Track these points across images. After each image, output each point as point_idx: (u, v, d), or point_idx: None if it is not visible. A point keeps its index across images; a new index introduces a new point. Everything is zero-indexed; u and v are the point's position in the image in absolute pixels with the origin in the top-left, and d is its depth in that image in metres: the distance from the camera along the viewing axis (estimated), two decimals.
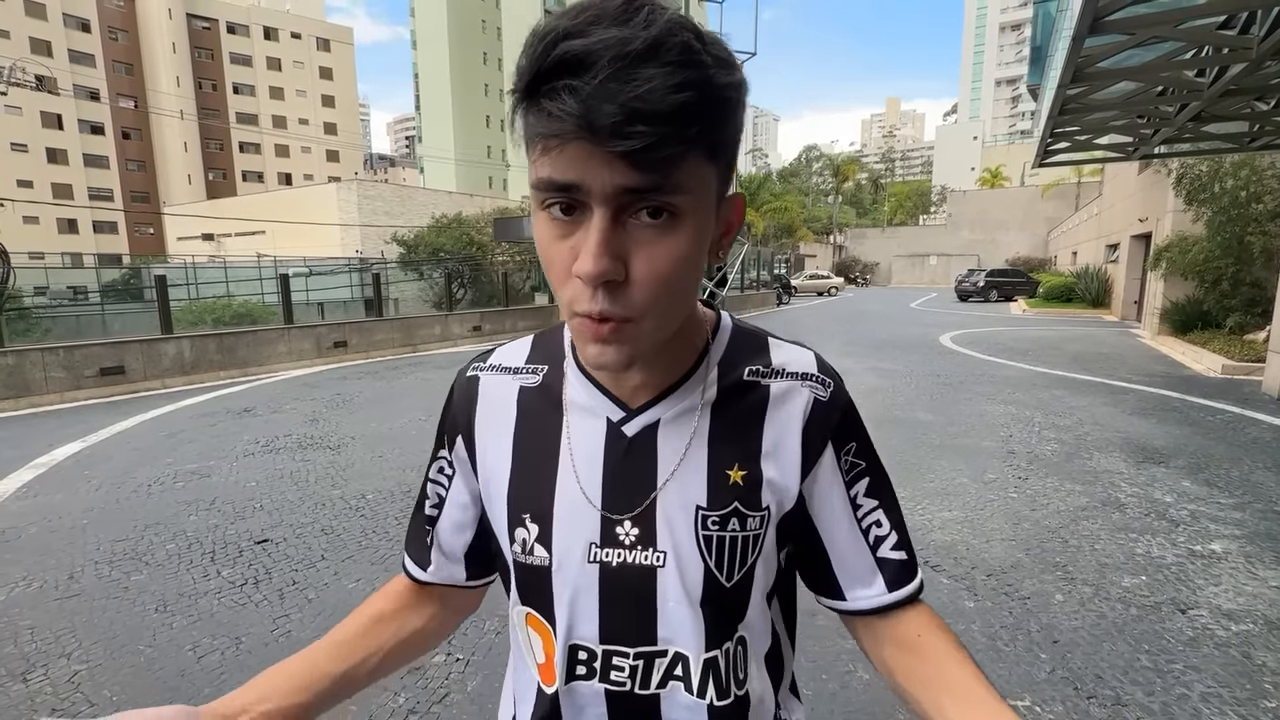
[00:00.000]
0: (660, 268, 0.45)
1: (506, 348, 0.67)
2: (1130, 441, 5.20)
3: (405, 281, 16.03)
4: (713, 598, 0.55)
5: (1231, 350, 9.20)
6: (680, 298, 0.48)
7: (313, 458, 4.86)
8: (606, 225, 0.43)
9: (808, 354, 0.62)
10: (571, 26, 0.40)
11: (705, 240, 0.48)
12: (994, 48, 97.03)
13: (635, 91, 0.39)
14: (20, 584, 2.93)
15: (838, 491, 0.59)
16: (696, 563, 0.55)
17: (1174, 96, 6.52)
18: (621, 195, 0.42)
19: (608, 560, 0.56)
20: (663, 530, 0.55)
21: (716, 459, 0.56)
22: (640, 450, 0.57)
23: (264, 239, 30.50)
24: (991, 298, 26.82)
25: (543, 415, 0.60)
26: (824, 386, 0.59)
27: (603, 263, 0.43)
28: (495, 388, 0.63)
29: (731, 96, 0.44)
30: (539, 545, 0.57)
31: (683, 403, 0.57)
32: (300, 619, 2.62)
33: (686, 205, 0.44)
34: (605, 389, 0.58)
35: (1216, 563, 3.09)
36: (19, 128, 46.33)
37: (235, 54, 58.71)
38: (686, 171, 0.43)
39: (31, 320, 9.92)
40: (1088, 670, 2.27)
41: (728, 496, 0.56)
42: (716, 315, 0.62)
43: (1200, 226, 11.28)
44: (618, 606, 0.56)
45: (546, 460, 0.58)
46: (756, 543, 0.56)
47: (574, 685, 0.58)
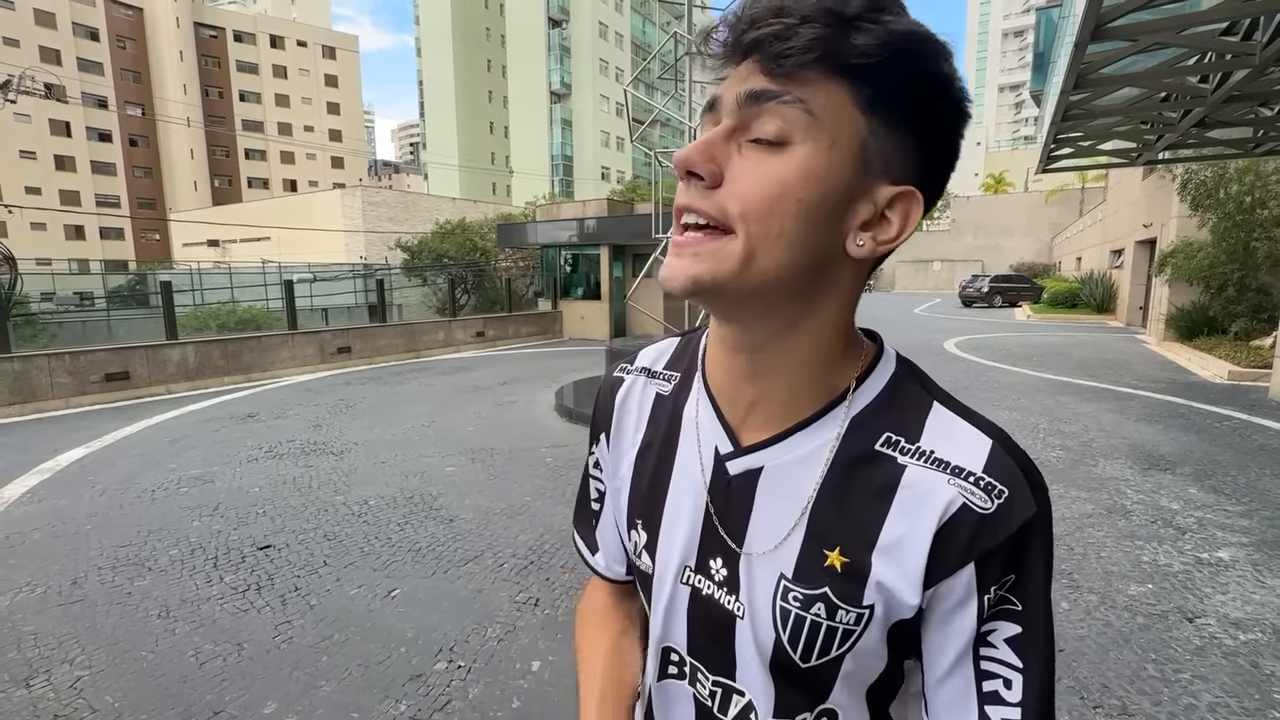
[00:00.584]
0: (755, 180, 0.42)
1: (651, 348, 0.66)
2: (1136, 448, 5.17)
3: (409, 287, 16.07)
4: (784, 670, 0.51)
5: (1238, 356, 9.15)
6: (774, 232, 0.42)
7: (316, 463, 4.86)
8: (720, 130, 0.44)
9: (982, 441, 0.47)
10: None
11: (827, 190, 0.42)
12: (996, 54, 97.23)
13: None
14: (24, 589, 2.94)
15: (965, 619, 0.46)
16: (769, 630, 0.50)
17: (1177, 102, 6.51)
18: (744, 102, 0.43)
19: (698, 587, 0.55)
20: (745, 583, 0.52)
21: (816, 534, 0.49)
22: (739, 494, 0.52)
23: (269, 245, 30.65)
24: (996, 303, 26.74)
25: (667, 426, 0.59)
26: (988, 494, 0.45)
27: (693, 153, 0.43)
28: (634, 391, 0.63)
29: (895, 42, 0.40)
30: (645, 553, 0.59)
31: (796, 451, 0.50)
32: (302, 625, 2.62)
33: (805, 131, 0.42)
34: (721, 412, 0.53)
35: (1224, 571, 3.06)
36: (28, 135, 46.73)
37: (242, 62, 59.17)
38: (815, 90, 0.41)
39: (38, 326, 9.96)
40: (1094, 679, 2.25)
41: (819, 578, 0.48)
42: (879, 351, 0.53)
43: (1205, 232, 11.24)
44: (702, 632, 0.56)
45: (662, 472, 0.58)
46: (847, 638, 0.48)
47: (666, 683, 0.59)
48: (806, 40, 0.40)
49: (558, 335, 15.03)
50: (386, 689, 2.22)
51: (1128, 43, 5.01)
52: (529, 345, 13.62)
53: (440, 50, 57.77)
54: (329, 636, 2.54)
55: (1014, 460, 0.46)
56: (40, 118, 46.44)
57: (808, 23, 0.40)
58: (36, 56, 44.92)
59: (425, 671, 2.31)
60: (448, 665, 2.35)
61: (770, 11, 0.41)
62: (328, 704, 2.14)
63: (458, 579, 3.03)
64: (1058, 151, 8.58)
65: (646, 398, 0.61)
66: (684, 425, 0.57)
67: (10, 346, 7.03)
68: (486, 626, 2.59)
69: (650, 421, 0.60)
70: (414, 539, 3.48)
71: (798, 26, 0.40)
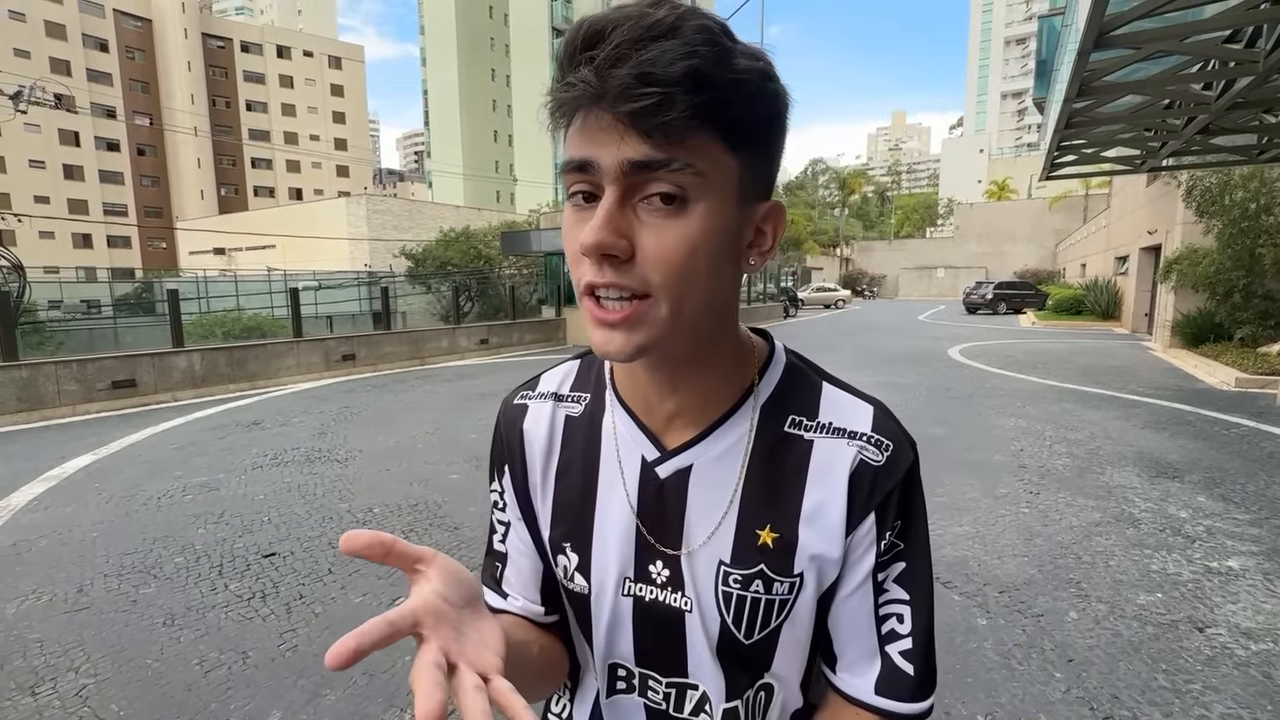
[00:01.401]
0: (668, 248, 0.44)
1: (551, 373, 0.65)
2: (1143, 456, 5.14)
3: (413, 295, 16.15)
4: (729, 651, 0.54)
5: (1245, 363, 9.10)
6: (695, 286, 0.45)
7: (320, 471, 4.87)
8: (613, 202, 0.43)
9: (864, 408, 0.56)
10: (600, 16, 0.42)
11: (723, 235, 0.46)
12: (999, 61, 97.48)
13: (646, 57, 0.40)
14: (30, 597, 2.95)
15: (865, 566, 0.54)
16: (714, 616, 0.54)
17: (1181, 109, 6.51)
18: (630, 170, 0.42)
19: (641, 595, 0.56)
20: (688, 576, 0.55)
21: (748, 517, 0.54)
22: (672, 495, 0.55)
23: (274, 253, 30.84)
24: (1000, 310, 26.71)
25: (584, 446, 0.59)
26: (878, 449, 0.53)
27: (602, 234, 0.43)
28: (540, 415, 0.62)
29: (751, 81, 0.43)
30: (579, 574, 0.58)
31: (718, 447, 0.54)
32: (307, 633, 2.62)
33: (698, 190, 0.44)
34: (642, 423, 0.56)
35: (1234, 580, 3.03)
36: (37, 145, 47.24)
37: (249, 72, 59.79)
38: (698, 152, 0.43)
39: (45, 334, 10.03)
40: (1104, 690, 2.23)
41: (754, 557, 0.53)
42: (770, 348, 0.59)
43: (1210, 238, 11.22)
44: (650, 639, 0.57)
45: (586, 492, 0.58)
46: (783, 608, 0.53)
47: (616, 698, 0.60)
48: (687, 109, 0.41)
49: (561, 342, 15.05)
50: (391, 698, 2.21)
51: (1131, 51, 5.03)
52: (533, 352, 13.64)
53: (445, 60, 58.25)
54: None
55: (892, 421, 0.56)
56: (50, 128, 46.97)
57: (680, 89, 0.40)
58: (47, 67, 45.46)
59: None
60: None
61: (636, 80, 0.40)
62: (333, 713, 2.13)
63: None
64: (1061, 158, 8.58)
65: (557, 422, 0.61)
66: (605, 441, 0.58)
67: (18, 354, 7.08)
68: None
69: (564, 444, 0.60)
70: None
71: (674, 95, 0.40)
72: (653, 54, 0.40)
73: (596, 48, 0.41)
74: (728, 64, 0.42)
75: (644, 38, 0.40)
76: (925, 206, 76.55)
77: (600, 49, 0.41)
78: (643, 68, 0.40)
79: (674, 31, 0.41)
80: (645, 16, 0.41)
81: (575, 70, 0.42)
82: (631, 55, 0.40)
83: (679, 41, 0.41)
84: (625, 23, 0.41)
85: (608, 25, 0.41)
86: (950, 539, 3.53)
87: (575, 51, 0.42)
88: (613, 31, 0.41)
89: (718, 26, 0.43)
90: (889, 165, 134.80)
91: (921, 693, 0.54)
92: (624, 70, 0.40)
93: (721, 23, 0.43)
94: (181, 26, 54.55)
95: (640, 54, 0.40)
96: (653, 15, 0.41)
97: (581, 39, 0.42)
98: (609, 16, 0.42)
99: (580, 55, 0.42)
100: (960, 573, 3.13)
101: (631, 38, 0.40)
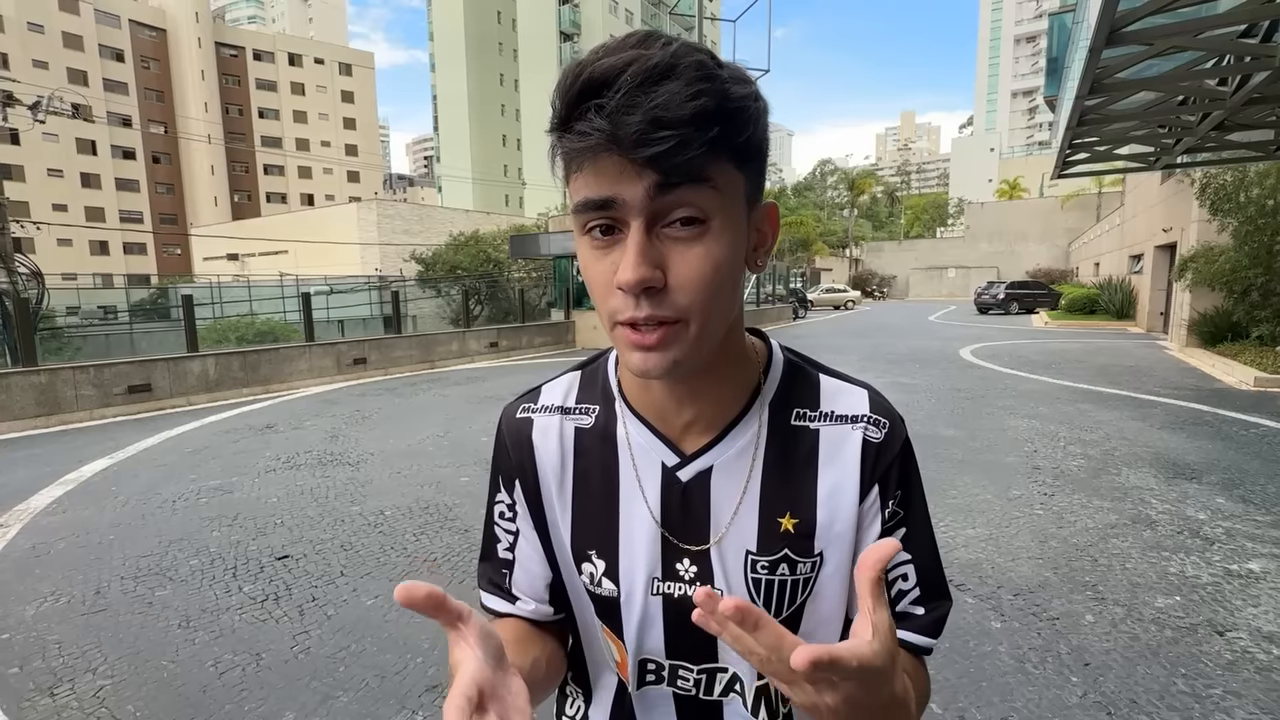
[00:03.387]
0: (697, 271, 0.46)
1: (551, 385, 0.67)
2: (1160, 457, 5.07)
3: (423, 299, 16.23)
4: None
5: (1264, 362, 8.96)
6: (720, 302, 0.49)
7: (332, 474, 4.91)
8: (642, 236, 0.45)
9: (860, 393, 0.61)
10: (595, 58, 0.44)
11: (740, 246, 0.49)
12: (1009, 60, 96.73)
13: (655, 101, 0.42)
14: (49, 599, 2.99)
15: (872, 534, 0.58)
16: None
17: (1195, 106, 6.43)
18: (654, 204, 0.45)
19: (670, 593, 0.59)
20: (718, 569, 0.58)
21: (768, 507, 0.58)
22: (695, 496, 0.58)
23: (286, 258, 31.14)
24: (1012, 310, 26.45)
25: (600, 456, 0.61)
26: (877, 428, 0.58)
27: (641, 270, 0.45)
28: (548, 429, 0.64)
29: (749, 105, 0.46)
30: (606, 579, 0.61)
31: (735, 446, 0.58)
32: (319, 635, 2.63)
33: (717, 209, 0.46)
34: (659, 432, 0.59)
35: (1255, 583, 2.98)
36: (55, 154, 48.03)
37: (261, 80, 60.51)
38: (713, 175, 0.45)
39: (63, 339, 10.19)
40: (1121, 695, 2.20)
41: (778, 544, 0.57)
42: (769, 348, 0.62)
43: (1226, 236, 11.06)
44: (681, 632, 0.59)
45: (607, 500, 0.61)
46: (806, 585, 0.58)
47: (645, 690, 0.63)
48: (703, 145, 0.43)
49: (571, 345, 15.08)
50: (403, 700, 2.22)
51: (1143, 47, 4.97)
52: (542, 355, 13.68)
53: (454, 65, 58.64)
54: (346, 647, 2.55)
55: (884, 401, 0.61)
56: (68, 137, 47.73)
57: (693, 129, 0.42)
58: (65, 78, 46.22)
59: (442, 683, 2.31)
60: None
61: (651, 125, 0.42)
62: (345, 715, 2.14)
63: (474, 589, 3.03)
64: (1073, 156, 8.50)
65: (567, 434, 0.63)
66: (622, 450, 0.60)
67: (37, 360, 7.19)
68: None
69: (578, 456, 0.62)
70: (430, 549, 3.49)
71: (689, 135, 0.42)
72: (661, 98, 0.42)
73: (603, 95, 0.42)
74: (727, 95, 0.44)
75: (648, 81, 0.42)
76: (935, 206, 76.05)
77: (608, 96, 0.42)
78: (654, 113, 0.42)
79: (673, 71, 0.43)
80: (644, 59, 0.42)
81: (584, 119, 0.43)
82: (640, 101, 0.42)
83: (681, 82, 0.42)
84: (627, 68, 0.42)
85: (611, 71, 0.42)
86: (963, 541, 3.50)
87: (579, 99, 0.44)
88: (617, 78, 0.42)
89: (709, 58, 0.45)
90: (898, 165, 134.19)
91: (932, 629, 0.58)
92: (637, 117, 0.42)
93: (708, 51, 0.46)
94: (195, 36, 55.33)
95: (649, 99, 0.42)
96: (651, 57, 0.43)
97: (584, 87, 0.43)
98: (609, 63, 0.43)
99: (588, 103, 0.43)
100: (974, 575, 3.10)
101: (636, 84, 0.42)
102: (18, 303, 7.37)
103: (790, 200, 62.51)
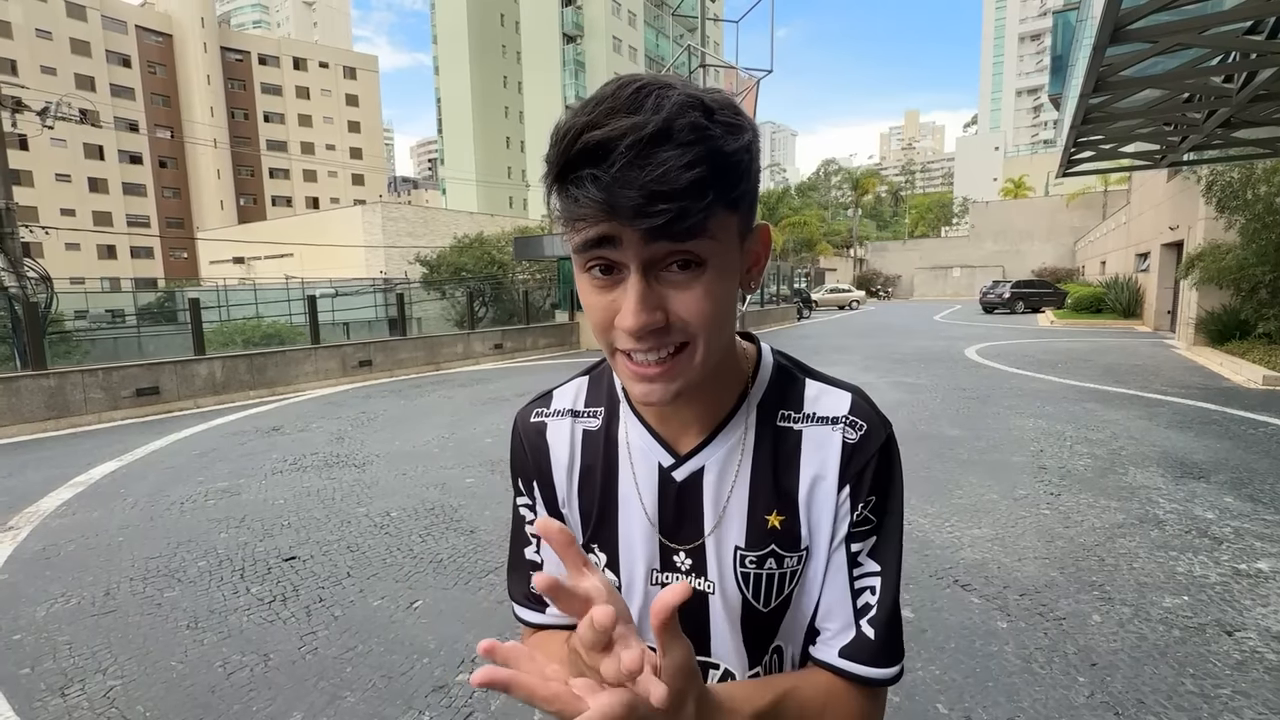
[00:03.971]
0: (696, 308, 0.49)
1: (562, 390, 0.70)
2: (1168, 456, 5.04)
3: (428, 301, 16.27)
4: (750, 622, 0.61)
5: (1272, 360, 8.89)
6: (717, 332, 0.51)
7: (338, 476, 4.93)
8: (642, 283, 0.48)
9: (843, 395, 0.62)
10: (590, 119, 0.44)
11: (734, 277, 0.52)
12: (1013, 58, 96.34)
13: (652, 174, 0.42)
14: (59, 600, 3.01)
15: (840, 532, 0.59)
16: (735, 594, 0.61)
17: (1202, 103, 6.39)
18: (651, 251, 0.47)
19: (668, 583, 0.62)
20: (711, 563, 0.61)
21: (756, 505, 0.60)
22: (689, 494, 0.61)
23: (292, 261, 31.27)
24: (1018, 309, 26.33)
25: (603, 456, 0.65)
26: (854, 429, 0.59)
27: (642, 316, 0.47)
28: (560, 431, 0.67)
29: (743, 159, 0.47)
30: (608, 570, 0.64)
31: (725, 446, 0.61)
32: (326, 636, 2.65)
33: (713, 253, 0.48)
34: (657, 433, 0.62)
35: (1264, 582, 2.96)
36: (63, 159, 48.37)
37: (266, 84, 60.79)
38: (710, 227, 0.47)
39: (72, 343, 10.26)
40: (1129, 695, 2.19)
41: (765, 540, 0.60)
42: (758, 351, 0.65)
43: (1234, 234, 10.98)
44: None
45: (607, 496, 0.64)
46: (794, 577, 0.61)
47: None
48: (703, 210, 0.44)
49: (575, 346, 15.10)
50: (410, 700, 2.23)
51: (1148, 45, 4.95)
52: (546, 357, 13.70)
53: (457, 68, 58.81)
54: (353, 647, 2.57)
55: (867, 405, 0.61)
56: (75, 142, 48.07)
57: (690, 198, 0.43)
58: (72, 83, 46.56)
59: (448, 683, 2.32)
60: (469, 675, 2.36)
61: (649, 199, 0.42)
62: (352, 715, 2.16)
63: (479, 590, 3.04)
64: (1078, 155, 8.46)
65: (576, 436, 0.66)
66: (623, 450, 0.64)
67: (46, 363, 7.25)
68: (508, 637, 2.59)
69: (584, 454, 0.66)
70: (435, 550, 3.51)
71: (687, 205, 0.43)
72: (657, 171, 0.42)
73: (599, 166, 0.43)
74: (722, 154, 0.45)
75: (643, 152, 0.42)
76: (940, 206, 75.79)
77: (604, 169, 0.43)
78: (651, 187, 0.42)
79: (668, 136, 0.43)
80: (639, 129, 0.43)
81: (581, 187, 0.44)
82: (636, 176, 0.42)
83: (677, 150, 0.43)
84: (623, 139, 0.42)
85: (607, 142, 0.43)
86: (969, 541, 3.49)
87: (575, 164, 0.44)
88: (613, 149, 0.43)
89: (701, 113, 0.45)
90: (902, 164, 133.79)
91: (885, 659, 0.58)
92: (634, 192, 0.43)
93: (698, 100, 0.45)
94: (201, 41, 55.65)
95: (644, 172, 0.42)
96: (645, 126, 0.43)
97: (579, 153, 0.44)
98: (602, 135, 0.43)
99: (584, 171, 0.44)
100: (980, 575, 3.09)
101: (631, 156, 0.42)
102: (27, 307, 7.43)
103: (794, 200, 62.40)
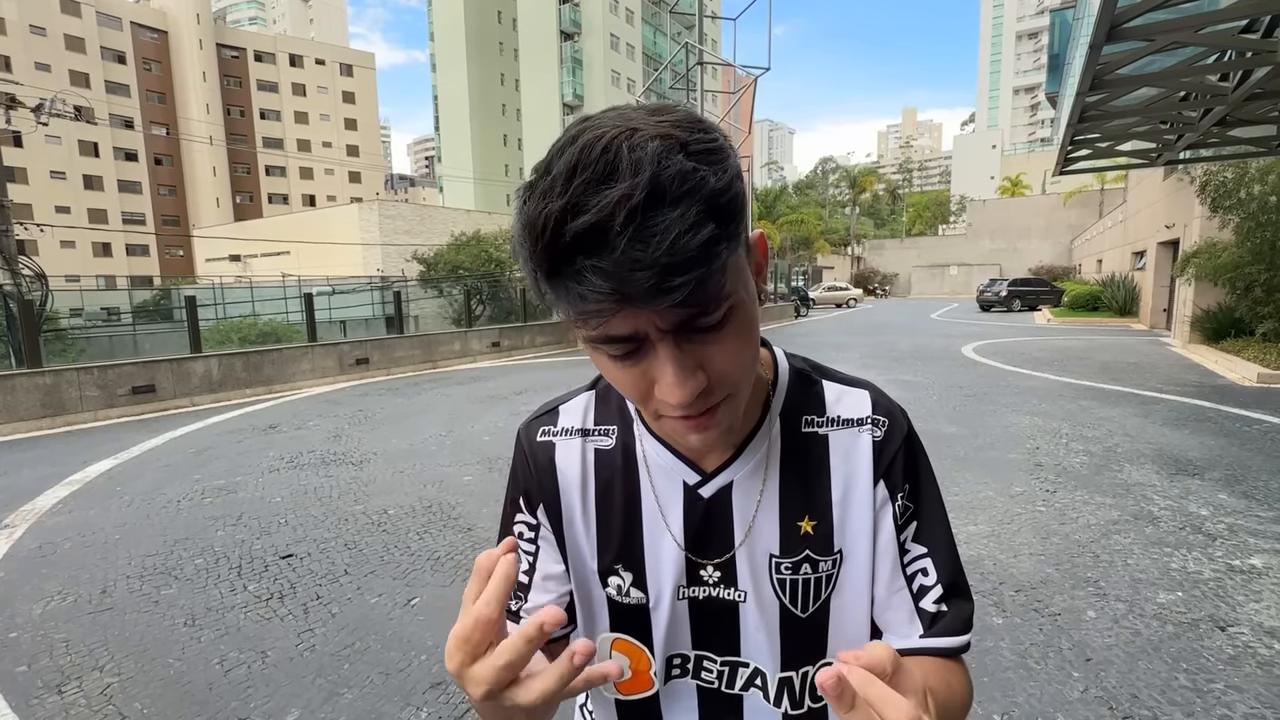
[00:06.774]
0: (733, 359, 0.47)
1: (569, 407, 0.66)
2: (1163, 453, 5.06)
3: (425, 299, 16.24)
4: (789, 626, 0.61)
5: (1267, 358, 8.93)
6: (752, 363, 0.51)
7: (335, 473, 4.93)
8: (676, 353, 0.44)
9: (862, 394, 0.63)
10: (568, 202, 0.39)
11: (755, 302, 0.50)
12: (1011, 56, 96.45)
13: (660, 249, 0.38)
14: (56, 598, 3.01)
15: (885, 527, 0.59)
16: (772, 600, 0.61)
17: (1197, 101, 6.42)
18: (676, 324, 0.43)
19: (695, 595, 0.62)
20: (743, 573, 0.60)
21: (788, 513, 0.60)
22: (717, 510, 0.60)
23: (289, 259, 31.18)
24: (1015, 307, 26.40)
25: (621, 476, 0.63)
26: (879, 427, 0.60)
27: (689, 386, 0.45)
28: (570, 451, 0.64)
29: (734, 187, 0.43)
30: (634, 589, 0.63)
31: (752, 460, 0.60)
32: (324, 633, 2.65)
33: (733, 297, 0.45)
34: (678, 452, 0.61)
35: (1257, 578, 2.98)
36: (58, 156, 48.12)
37: (262, 81, 60.57)
38: (725, 277, 0.43)
39: (67, 341, 10.22)
40: (1123, 689, 2.20)
41: (799, 546, 0.60)
42: (774, 358, 0.64)
43: (1229, 232, 11.03)
44: (707, 628, 0.63)
45: (631, 517, 0.62)
46: (829, 581, 0.60)
47: (671, 684, 0.64)
48: (713, 274, 0.41)
49: (572, 345, 15.08)
50: (407, 697, 2.23)
51: (1144, 43, 4.96)
52: (544, 355, 13.69)
53: (454, 66, 58.63)
54: (350, 644, 2.57)
55: (885, 399, 0.63)
56: (70, 139, 47.81)
57: (699, 266, 0.39)
58: (67, 80, 46.29)
59: (445, 680, 2.32)
60: None
61: (661, 275, 0.38)
62: (350, 711, 2.16)
63: None
64: (1075, 153, 8.49)
65: (588, 456, 0.64)
66: (643, 470, 0.62)
67: (42, 361, 7.22)
68: None
69: (598, 476, 0.63)
70: (433, 548, 3.51)
71: (705, 272, 0.40)
72: (665, 244, 0.38)
73: (599, 256, 0.38)
74: (715, 191, 0.40)
75: (641, 221, 0.38)
76: (937, 204, 75.92)
77: (604, 258, 0.38)
78: (663, 261, 0.38)
79: (661, 195, 0.38)
80: (627, 198, 0.38)
81: (583, 280, 0.39)
82: (643, 255, 0.38)
83: (675, 211, 0.38)
84: (615, 216, 0.38)
85: (598, 224, 0.38)
86: (965, 538, 3.50)
87: (568, 257, 0.39)
88: (607, 230, 0.38)
89: (678, 148, 0.40)
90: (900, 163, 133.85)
91: (959, 624, 0.58)
92: (645, 274, 0.38)
93: (670, 136, 0.40)
94: (196, 38, 55.39)
95: (650, 248, 0.38)
96: (633, 193, 0.38)
97: (570, 245, 0.39)
98: (595, 219, 0.38)
99: (582, 264, 0.39)
100: (975, 571, 3.10)
101: (631, 236, 0.38)
102: (22, 305, 7.40)
103: (792, 199, 62.41)
